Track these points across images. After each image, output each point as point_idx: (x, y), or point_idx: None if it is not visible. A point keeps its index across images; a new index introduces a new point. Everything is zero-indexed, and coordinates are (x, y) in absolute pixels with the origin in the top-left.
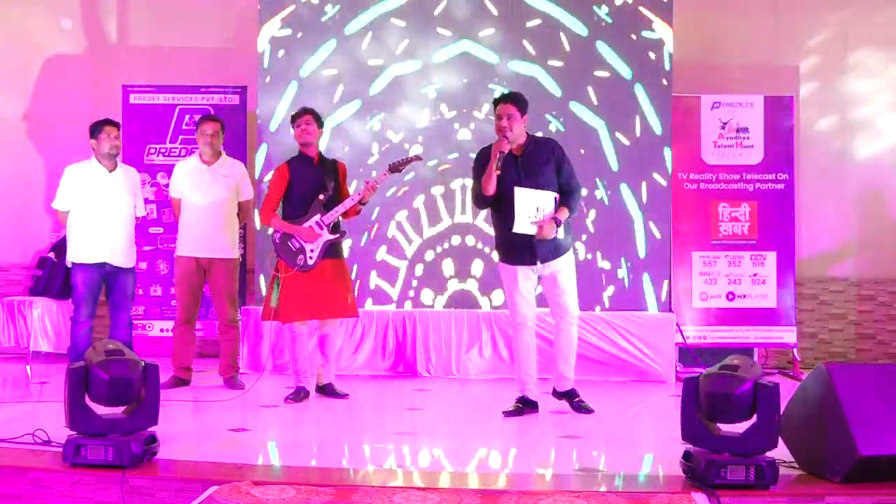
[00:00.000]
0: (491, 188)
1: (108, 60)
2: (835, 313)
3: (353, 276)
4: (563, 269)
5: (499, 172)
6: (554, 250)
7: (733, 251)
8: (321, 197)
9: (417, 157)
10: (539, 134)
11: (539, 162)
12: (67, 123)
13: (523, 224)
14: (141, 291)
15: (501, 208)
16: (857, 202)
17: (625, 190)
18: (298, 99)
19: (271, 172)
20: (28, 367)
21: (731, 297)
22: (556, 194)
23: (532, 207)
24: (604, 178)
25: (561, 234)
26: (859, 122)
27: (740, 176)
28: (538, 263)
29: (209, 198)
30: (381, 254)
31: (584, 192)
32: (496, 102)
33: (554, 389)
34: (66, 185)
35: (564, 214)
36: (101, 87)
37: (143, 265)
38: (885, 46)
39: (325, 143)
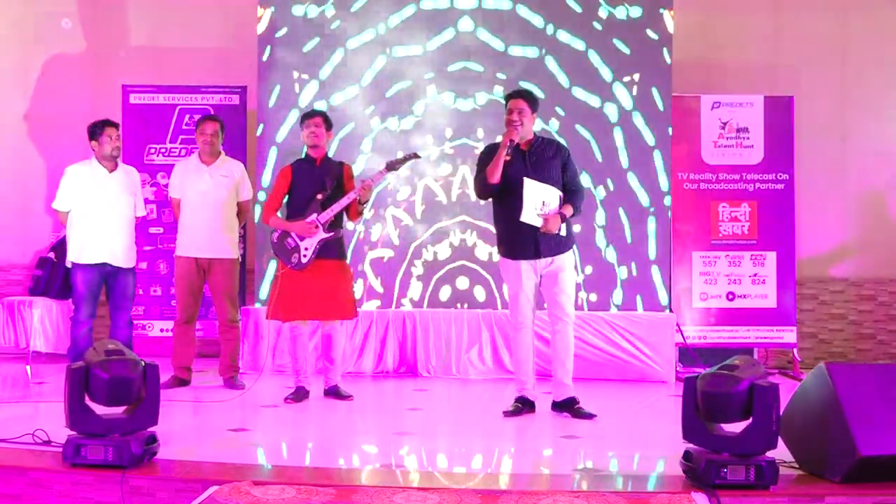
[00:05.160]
0: (496, 176)
1: (108, 60)
2: (835, 313)
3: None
4: (564, 267)
5: (508, 159)
6: (556, 246)
7: (733, 251)
8: (318, 196)
9: (415, 155)
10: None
11: (546, 158)
12: (67, 123)
13: (530, 214)
14: (141, 291)
15: (506, 200)
16: (856, 202)
17: (624, 190)
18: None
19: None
20: (28, 367)
21: (731, 297)
22: (560, 192)
23: (539, 200)
24: (604, 177)
25: (563, 231)
26: (859, 122)
27: (740, 176)
28: (540, 258)
29: (209, 198)
30: (379, 252)
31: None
32: (508, 98)
33: (553, 402)
34: (67, 186)
35: (569, 211)
36: (101, 87)
37: (143, 265)
38: (886, 46)
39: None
